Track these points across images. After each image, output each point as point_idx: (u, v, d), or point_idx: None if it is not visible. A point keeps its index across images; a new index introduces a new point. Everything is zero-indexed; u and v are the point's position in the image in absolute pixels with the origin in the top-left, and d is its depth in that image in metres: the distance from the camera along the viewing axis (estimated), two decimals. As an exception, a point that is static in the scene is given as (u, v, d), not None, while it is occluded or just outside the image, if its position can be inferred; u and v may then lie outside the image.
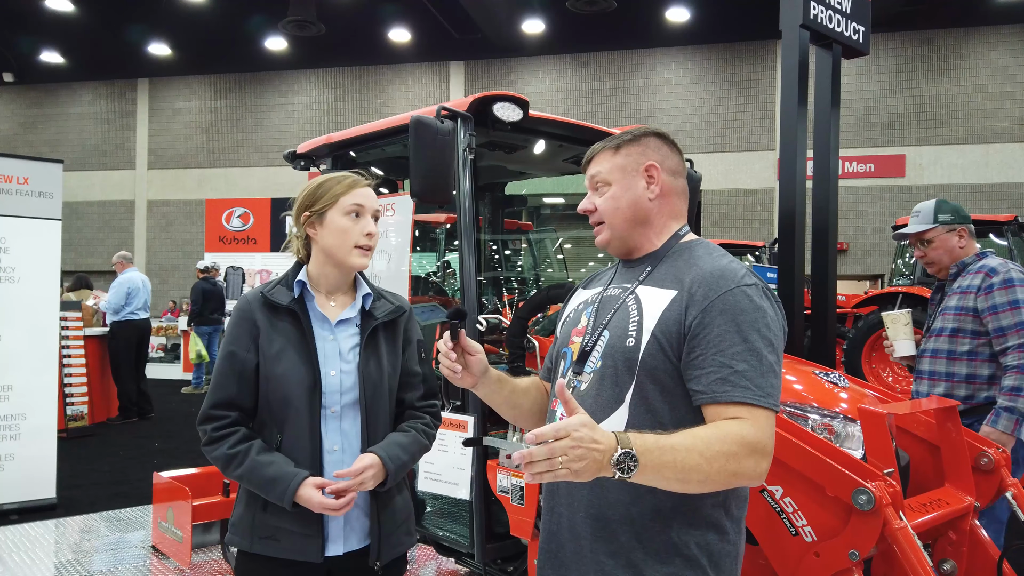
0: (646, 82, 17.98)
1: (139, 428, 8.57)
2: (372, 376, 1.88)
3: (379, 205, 1.97)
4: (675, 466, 1.28)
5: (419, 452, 1.96)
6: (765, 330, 1.41)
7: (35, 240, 5.21)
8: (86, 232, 21.10)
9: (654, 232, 1.60)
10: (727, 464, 1.32)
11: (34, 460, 5.22)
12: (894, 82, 16.60)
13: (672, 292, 1.48)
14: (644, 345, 1.46)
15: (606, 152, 1.63)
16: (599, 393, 1.50)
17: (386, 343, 1.94)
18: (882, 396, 2.73)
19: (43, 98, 21.44)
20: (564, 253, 5.22)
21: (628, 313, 1.51)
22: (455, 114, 2.70)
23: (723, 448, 1.32)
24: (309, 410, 1.83)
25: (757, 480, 1.38)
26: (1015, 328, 2.91)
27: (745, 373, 1.37)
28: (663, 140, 1.63)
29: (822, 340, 4.54)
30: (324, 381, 1.84)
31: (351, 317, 1.92)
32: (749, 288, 1.44)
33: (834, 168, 4.87)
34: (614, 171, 1.60)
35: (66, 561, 4.33)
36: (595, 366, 1.52)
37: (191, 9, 16.33)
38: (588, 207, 1.64)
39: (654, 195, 1.58)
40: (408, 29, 17.39)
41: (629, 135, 1.62)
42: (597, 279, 1.75)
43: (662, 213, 1.60)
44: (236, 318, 1.88)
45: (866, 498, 1.90)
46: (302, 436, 1.84)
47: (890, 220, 12.78)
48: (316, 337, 1.87)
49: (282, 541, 1.83)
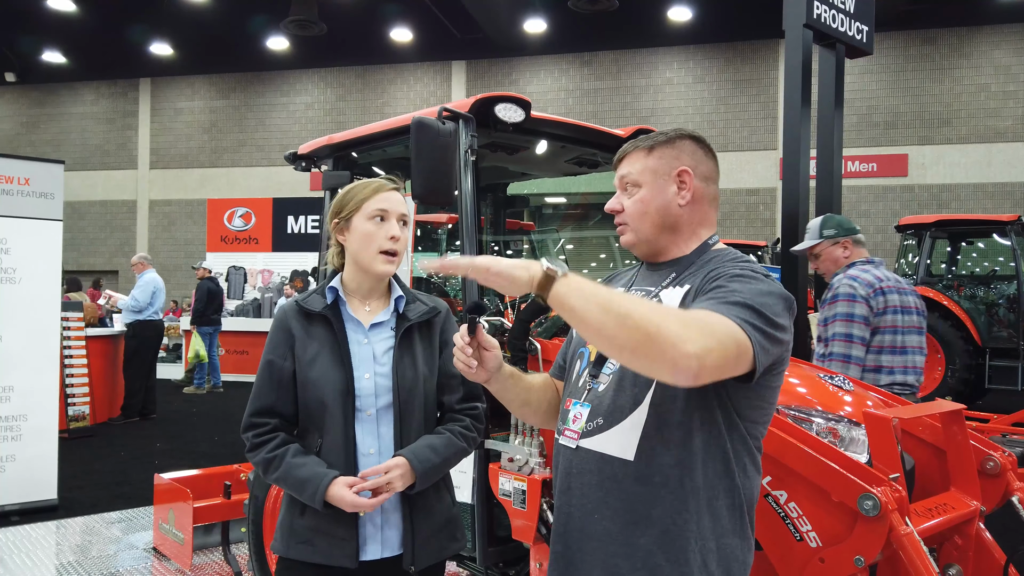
0: (648, 81, 17.96)
1: (141, 428, 8.56)
2: (407, 378, 1.89)
3: (407, 210, 1.95)
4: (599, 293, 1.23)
5: (455, 455, 1.94)
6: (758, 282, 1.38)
7: (36, 241, 5.20)
8: (88, 232, 21.13)
9: (682, 239, 1.57)
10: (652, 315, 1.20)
11: (35, 461, 5.21)
12: (897, 81, 16.57)
13: (687, 287, 1.48)
14: None
15: (638, 152, 1.58)
16: (617, 395, 1.48)
17: (421, 344, 1.94)
18: (887, 399, 2.71)
19: (45, 98, 21.47)
20: (566, 254, 5.20)
21: None
22: (457, 115, 2.69)
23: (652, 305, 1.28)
24: (343, 414, 1.85)
25: (676, 362, 1.18)
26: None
27: (727, 293, 1.34)
28: (698, 144, 1.59)
29: (825, 341, 4.52)
30: (358, 384, 1.86)
31: (385, 320, 1.93)
32: (757, 272, 1.43)
33: (837, 168, 4.86)
34: (645, 173, 1.56)
35: (67, 563, 4.32)
36: (613, 368, 1.51)
37: (193, 9, 16.34)
38: (615, 207, 1.60)
39: (684, 201, 1.55)
40: (410, 29, 17.39)
41: (664, 136, 1.58)
42: (617, 279, 1.73)
43: (692, 220, 1.56)
44: (274, 327, 1.93)
45: (872, 503, 1.88)
46: (337, 439, 1.85)
47: (893, 220, 12.75)
48: (350, 341, 1.89)
49: (317, 545, 1.85)
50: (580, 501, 1.51)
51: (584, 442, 1.49)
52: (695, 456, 1.41)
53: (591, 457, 1.49)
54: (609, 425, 1.47)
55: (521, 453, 2.59)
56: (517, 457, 2.60)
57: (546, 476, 2.52)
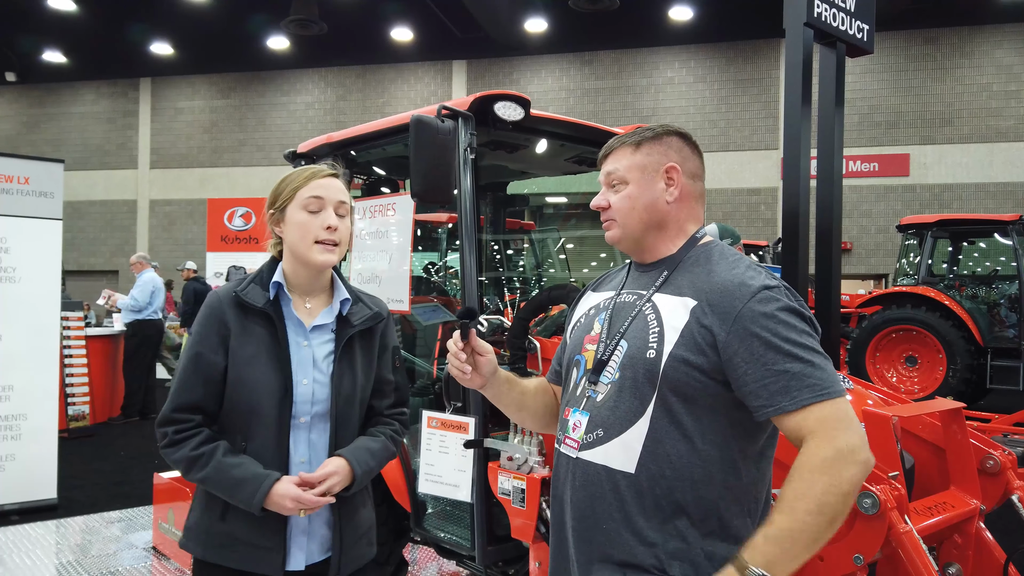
0: (649, 81, 17.95)
1: (140, 428, 8.56)
2: (345, 388, 1.81)
3: (346, 197, 1.84)
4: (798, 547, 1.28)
5: (386, 459, 1.91)
6: (798, 325, 1.37)
7: (36, 240, 5.20)
8: (88, 232, 21.13)
9: (670, 235, 1.55)
10: (832, 495, 1.27)
11: (35, 460, 5.21)
12: (898, 81, 16.54)
13: (691, 302, 1.43)
14: (666, 358, 1.41)
15: (625, 149, 1.56)
16: (617, 404, 1.45)
17: (362, 352, 1.86)
18: (887, 398, 2.70)
19: (45, 97, 21.46)
20: (566, 253, 5.20)
21: (647, 323, 1.46)
22: (456, 113, 2.68)
23: (820, 487, 1.28)
24: (278, 419, 1.75)
25: (868, 468, 1.32)
26: None
27: (798, 373, 1.32)
28: (685, 140, 1.58)
29: (826, 340, 4.50)
30: (296, 390, 1.77)
31: (327, 323, 1.84)
32: (771, 291, 1.39)
33: (838, 167, 4.84)
34: (632, 170, 1.54)
35: (66, 562, 4.32)
36: (612, 377, 1.48)
37: (193, 8, 16.33)
38: (602, 204, 1.58)
39: (672, 198, 1.53)
40: (410, 28, 17.38)
41: (651, 132, 1.57)
42: (607, 281, 1.70)
43: (679, 217, 1.55)
44: (204, 316, 1.78)
45: (871, 502, 1.88)
46: (269, 446, 1.76)
47: (894, 220, 12.72)
48: (291, 343, 1.79)
49: (239, 551, 1.76)
50: (583, 512, 1.49)
51: (585, 453, 1.47)
52: (701, 468, 1.39)
53: (592, 468, 1.47)
54: (610, 437, 1.45)
55: (520, 452, 2.59)
56: (516, 456, 2.60)
57: (545, 475, 2.51)
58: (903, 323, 9.12)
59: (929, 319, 8.94)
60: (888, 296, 9.50)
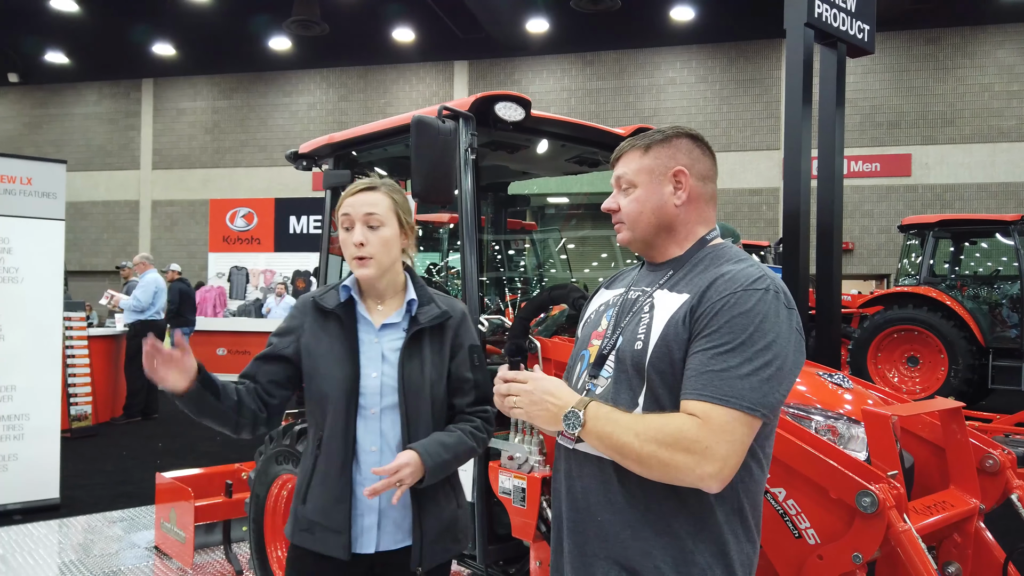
0: (651, 81, 17.96)
1: (143, 428, 8.58)
2: (413, 379, 1.91)
3: (375, 208, 1.92)
4: (612, 439, 1.36)
5: (465, 453, 1.96)
6: (761, 332, 1.35)
7: (38, 240, 5.21)
8: (91, 232, 21.17)
9: (679, 238, 1.56)
10: (658, 452, 1.32)
11: (37, 460, 5.22)
12: (900, 81, 16.54)
13: (685, 296, 1.46)
14: (652, 348, 1.43)
15: (635, 152, 1.58)
16: (615, 398, 1.48)
17: (431, 348, 1.96)
18: (887, 397, 2.71)
19: (48, 98, 21.51)
20: (568, 253, 5.20)
21: (641, 317, 1.49)
22: (457, 114, 2.69)
23: (658, 436, 1.33)
24: (346, 410, 1.88)
25: (700, 483, 1.32)
26: None
27: (721, 372, 1.33)
28: (695, 142, 1.58)
29: (827, 340, 4.52)
30: (363, 382, 1.90)
31: (397, 322, 1.96)
32: (757, 292, 1.39)
33: (839, 167, 4.85)
34: (641, 173, 1.56)
35: (69, 562, 4.33)
36: (610, 371, 1.51)
37: (195, 9, 16.36)
38: (612, 207, 1.61)
39: (680, 201, 1.54)
40: (412, 29, 17.39)
41: (660, 134, 1.58)
42: (620, 279, 1.72)
43: (688, 220, 1.56)
44: (288, 315, 2.02)
45: (870, 500, 1.88)
46: (337, 433, 1.89)
47: (896, 219, 12.72)
48: (360, 340, 1.93)
49: (316, 534, 1.91)
50: (578, 504, 1.51)
51: (581, 445, 1.48)
52: None
53: (588, 460, 1.49)
54: None
55: (521, 451, 2.60)
56: (517, 455, 2.61)
57: (546, 474, 2.52)
58: (905, 323, 9.12)
59: (931, 319, 8.94)
60: (890, 296, 9.50)
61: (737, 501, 1.43)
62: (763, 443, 1.46)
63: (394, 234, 1.95)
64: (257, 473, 3.47)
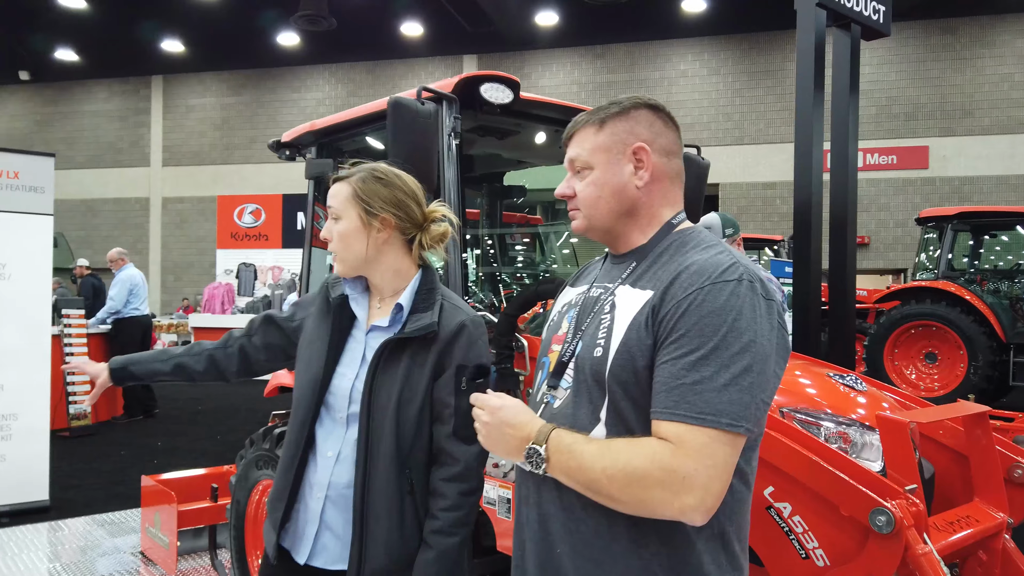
0: (662, 74, 17.71)
1: (142, 427, 8.47)
2: (379, 395, 1.69)
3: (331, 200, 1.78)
4: (578, 475, 1.20)
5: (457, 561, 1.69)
6: (736, 333, 1.16)
7: (26, 236, 5.07)
8: (102, 229, 21.19)
9: (642, 224, 1.37)
10: (629, 489, 1.15)
11: (26, 461, 5.09)
12: (916, 71, 16.21)
13: (648, 293, 1.26)
14: (612, 355, 1.25)
15: (588, 129, 1.39)
16: (575, 413, 1.30)
17: (412, 361, 1.71)
18: (904, 401, 2.50)
19: (58, 96, 21.56)
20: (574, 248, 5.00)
21: (602, 319, 1.31)
22: (439, 95, 2.51)
23: (627, 469, 1.15)
24: (307, 406, 1.75)
25: (682, 517, 1.15)
26: None
27: (694, 386, 1.14)
28: (656, 113, 1.39)
29: (840, 338, 4.31)
30: (335, 381, 1.76)
31: (384, 326, 1.77)
32: (728, 284, 1.19)
33: (852, 156, 4.63)
34: (596, 152, 1.37)
35: (52, 567, 4.21)
36: (570, 382, 1.33)
37: (203, 5, 16.29)
38: (567, 192, 1.41)
39: (643, 182, 1.35)
40: (420, 23, 17.26)
41: (616, 106, 1.38)
42: (585, 275, 1.53)
43: (651, 202, 1.37)
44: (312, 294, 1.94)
45: (885, 519, 1.69)
46: (295, 429, 1.76)
47: (913, 213, 12.44)
48: (350, 338, 1.80)
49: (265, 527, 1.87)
50: (536, 534, 1.33)
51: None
52: None
53: (547, 481, 1.30)
54: None
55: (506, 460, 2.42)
56: (502, 463, 2.43)
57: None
58: (922, 319, 8.88)
59: (949, 315, 8.71)
60: (907, 291, 9.26)
61: (718, 526, 1.24)
62: (748, 456, 1.26)
63: (354, 227, 1.73)
64: (238, 478, 3.32)
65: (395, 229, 1.76)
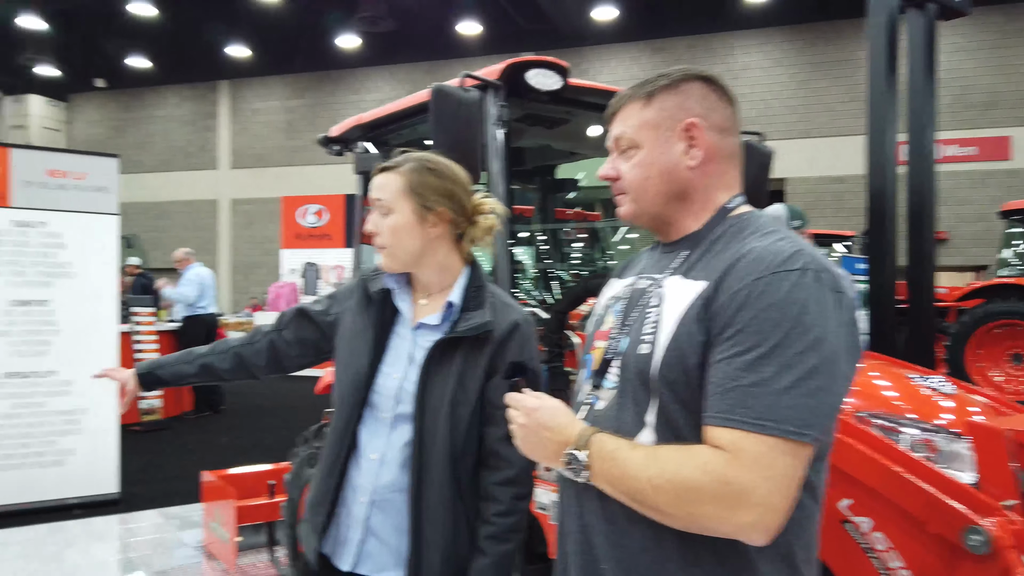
0: (725, 67, 17.25)
1: (209, 423, 8.68)
2: (432, 397, 1.62)
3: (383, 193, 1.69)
4: (622, 485, 1.09)
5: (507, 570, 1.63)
6: (801, 329, 1.02)
7: (93, 235, 5.21)
8: (173, 231, 21.91)
9: (695, 208, 1.25)
10: (680, 502, 1.03)
11: (96, 455, 5.24)
12: (994, 59, 15.40)
13: (701, 284, 1.14)
14: (661, 353, 1.12)
15: (634, 103, 1.26)
16: (619, 415, 1.18)
17: (465, 361, 1.64)
18: (996, 404, 2.29)
19: (132, 102, 22.40)
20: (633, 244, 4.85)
21: (648, 313, 1.19)
22: (483, 83, 2.41)
23: (675, 480, 1.03)
24: (351, 405, 1.67)
25: (740, 535, 1.02)
26: None
27: (752, 388, 1.02)
28: (709, 85, 1.25)
29: (920, 337, 4.05)
30: (380, 381, 1.67)
31: (435, 324, 1.69)
32: (792, 273, 1.05)
33: (930, 144, 4.34)
34: (643, 129, 1.24)
35: (120, 559, 4.30)
36: (615, 381, 1.21)
37: (267, 9, 16.66)
38: (610, 174, 1.29)
39: (695, 161, 1.22)
40: (477, 21, 17.27)
41: (665, 78, 1.25)
42: (632, 265, 1.41)
43: (705, 185, 1.24)
44: (346, 287, 1.89)
45: (980, 539, 1.51)
46: (338, 430, 1.70)
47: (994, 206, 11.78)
48: (394, 334, 1.71)
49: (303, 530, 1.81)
50: (580, 547, 1.22)
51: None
52: None
53: (589, 489, 1.18)
54: None
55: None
56: (555, 466, 2.32)
57: (587, 488, 2.22)
58: (1007, 317, 8.39)
59: (1018, 310, 8.22)
60: (990, 288, 8.76)
61: (784, 545, 1.09)
62: (817, 467, 1.13)
63: (406, 221, 1.65)
64: (291, 476, 3.31)
65: (448, 223, 1.68)
